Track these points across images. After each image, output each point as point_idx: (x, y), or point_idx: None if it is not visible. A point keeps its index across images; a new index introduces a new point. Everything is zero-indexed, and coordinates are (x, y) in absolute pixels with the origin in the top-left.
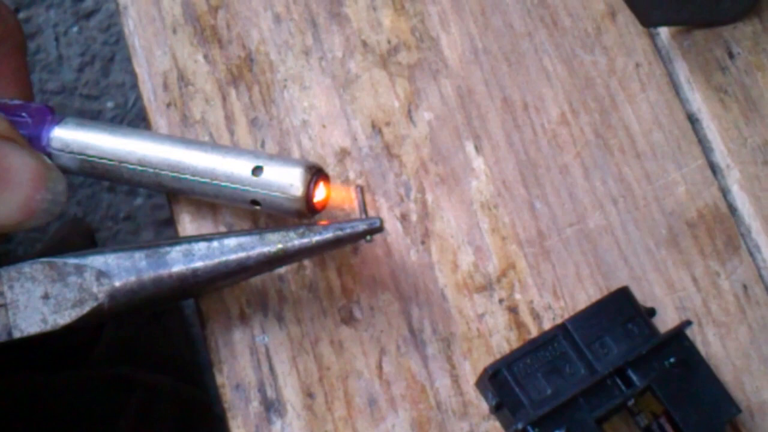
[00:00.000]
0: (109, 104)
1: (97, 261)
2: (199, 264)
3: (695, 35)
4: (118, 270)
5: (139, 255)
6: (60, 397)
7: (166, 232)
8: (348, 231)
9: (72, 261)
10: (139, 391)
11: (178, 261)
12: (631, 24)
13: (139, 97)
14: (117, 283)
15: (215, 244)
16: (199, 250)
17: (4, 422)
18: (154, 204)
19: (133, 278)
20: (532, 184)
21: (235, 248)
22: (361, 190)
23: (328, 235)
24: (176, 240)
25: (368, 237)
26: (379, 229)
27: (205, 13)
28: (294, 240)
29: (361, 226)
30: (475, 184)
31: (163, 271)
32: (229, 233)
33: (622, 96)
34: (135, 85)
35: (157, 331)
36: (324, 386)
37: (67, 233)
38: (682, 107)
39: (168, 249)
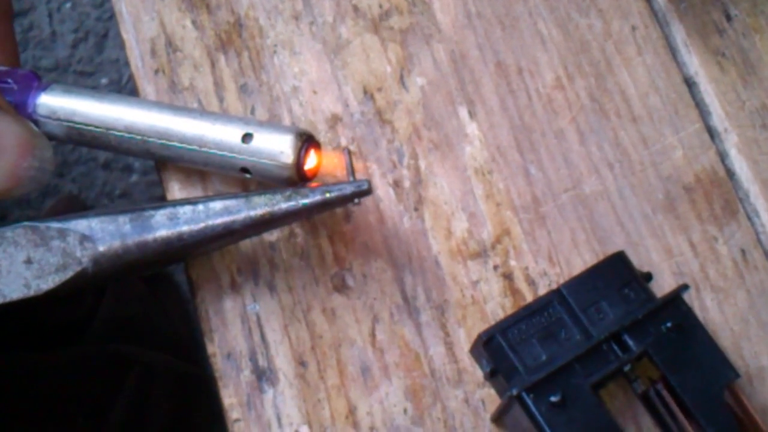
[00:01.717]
0: (104, 80)
1: (80, 225)
2: (184, 228)
3: None
4: (102, 234)
5: (123, 219)
6: (56, 376)
7: None
8: (336, 194)
9: (55, 225)
10: (136, 369)
11: (163, 225)
12: None
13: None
14: (101, 248)
15: (200, 207)
16: (184, 214)
17: (1, 401)
18: (149, 181)
19: (117, 242)
20: (527, 150)
21: (221, 212)
22: (348, 152)
23: (316, 198)
24: (161, 204)
25: (356, 200)
26: (368, 192)
27: None
28: (281, 203)
29: (349, 189)
30: (469, 150)
31: (148, 235)
32: (215, 197)
33: (617, 60)
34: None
35: (154, 309)
36: (316, 354)
37: (63, 210)
38: (679, 70)
39: (152, 213)
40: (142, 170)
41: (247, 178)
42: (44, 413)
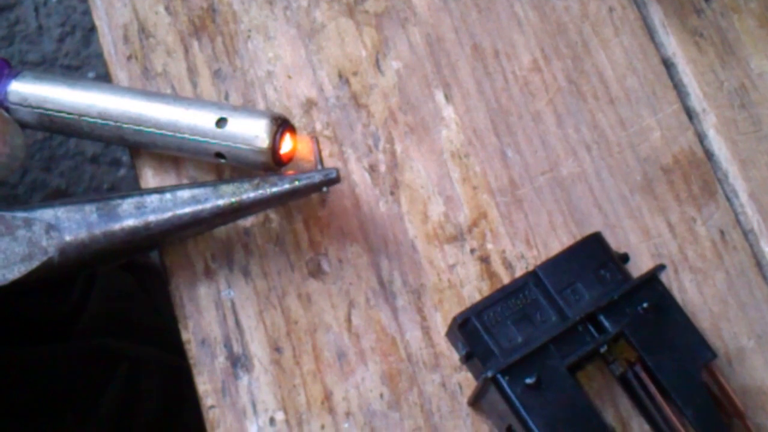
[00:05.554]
0: (91, 74)
1: (46, 214)
2: (151, 217)
3: None
4: (69, 223)
5: (89, 208)
6: (45, 370)
7: None
8: (304, 182)
9: (21, 214)
10: (125, 363)
11: (130, 214)
12: None
13: None
14: (67, 237)
15: (168, 196)
16: (151, 203)
17: None
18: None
19: (83, 232)
20: (504, 133)
21: (189, 200)
22: (317, 140)
23: (284, 186)
24: (128, 192)
25: (325, 188)
26: (336, 180)
27: None
28: (249, 192)
29: (318, 177)
30: (446, 133)
31: (115, 225)
32: (183, 185)
33: (595, 41)
34: None
35: (142, 302)
36: (292, 340)
37: None
38: (656, 51)
39: (119, 202)
40: (130, 164)
41: (221, 163)
42: (32, 408)
